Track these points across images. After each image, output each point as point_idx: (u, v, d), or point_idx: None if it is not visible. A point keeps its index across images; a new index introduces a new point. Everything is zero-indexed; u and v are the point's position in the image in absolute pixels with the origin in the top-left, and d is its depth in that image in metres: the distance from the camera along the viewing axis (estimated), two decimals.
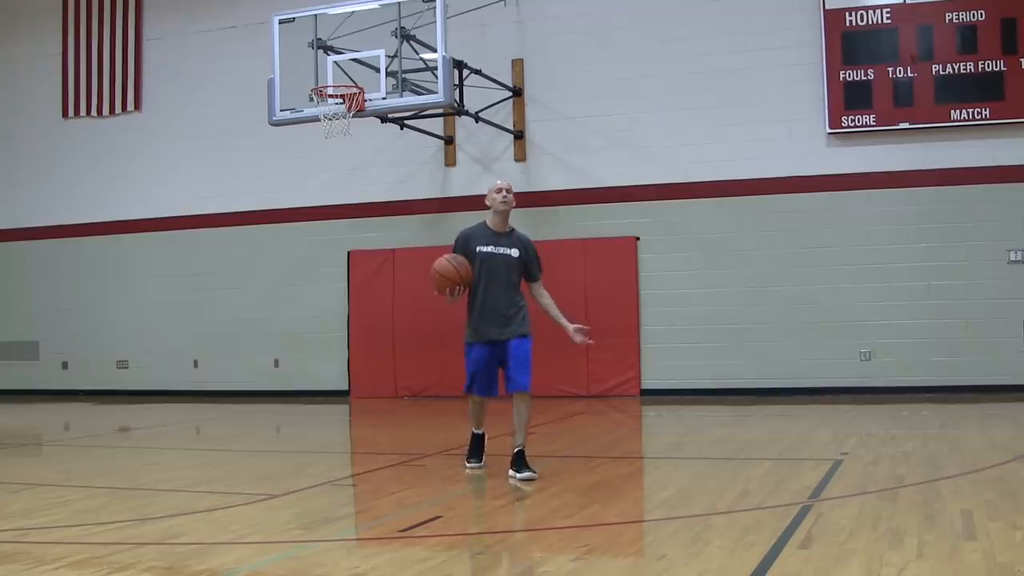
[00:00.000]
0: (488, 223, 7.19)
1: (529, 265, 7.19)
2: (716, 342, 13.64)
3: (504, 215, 7.15)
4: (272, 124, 12.71)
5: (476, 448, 7.45)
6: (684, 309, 13.77)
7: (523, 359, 6.99)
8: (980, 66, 12.71)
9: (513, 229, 7.26)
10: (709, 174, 13.67)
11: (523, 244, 7.20)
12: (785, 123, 13.42)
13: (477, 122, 13.84)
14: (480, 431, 7.42)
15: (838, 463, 7.42)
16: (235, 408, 14.28)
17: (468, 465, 7.45)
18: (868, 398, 12.61)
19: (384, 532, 5.56)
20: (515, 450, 7.05)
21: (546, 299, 7.20)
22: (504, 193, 7.10)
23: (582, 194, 14.22)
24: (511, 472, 6.99)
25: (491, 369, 7.10)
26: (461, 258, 7.00)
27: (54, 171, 17.22)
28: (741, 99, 13.59)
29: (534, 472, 6.97)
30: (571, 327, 7.11)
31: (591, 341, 7.15)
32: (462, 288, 6.93)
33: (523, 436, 7.10)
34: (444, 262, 6.92)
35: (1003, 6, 12.70)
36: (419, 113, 13.48)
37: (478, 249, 7.06)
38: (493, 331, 7.01)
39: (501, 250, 7.08)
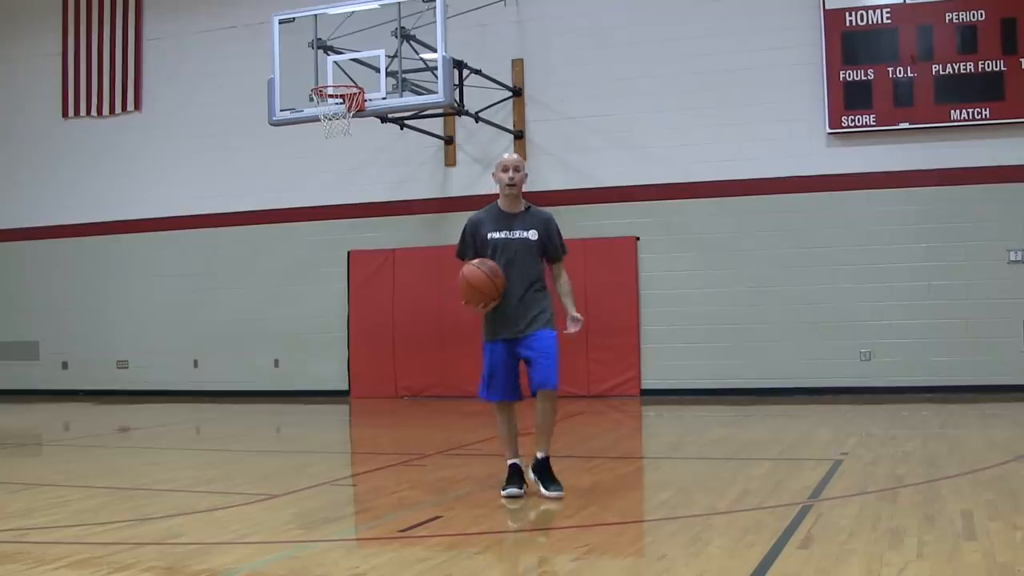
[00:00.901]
0: (499, 204, 6.35)
1: (548, 245, 6.33)
2: (716, 342, 13.64)
3: (512, 197, 6.32)
4: (272, 124, 12.73)
5: (514, 478, 6.35)
6: (684, 309, 13.77)
7: (546, 352, 6.13)
8: (980, 66, 12.71)
9: (530, 207, 6.40)
10: (709, 174, 13.67)
11: (542, 222, 6.33)
12: (785, 123, 13.42)
13: (477, 122, 13.84)
14: (516, 460, 6.36)
15: (838, 463, 7.42)
16: (235, 408, 14.28)
17: (505, 493, 6.28)
18: (868, 398, 12.61)
19: (384, 532, 5.56)
20: (538, 456, 6.31)
21: (564, 282, 6.40)
22: (510, 174, 6.23)
23: (582, 194, 14.22)
24: (532, 478, 6.35)
25: (509, 369, 6.24)
26: (493, 264, 6.10)
27: (54, 171, 17.21)
28: (741, 99, 13.59)
29: (560, 488, 6.22)
30: (572, 314, 6.26)
31: (573, 331, 6.24)
32: (496, 302, 6.12)
33: (547, 440, 6.31)
34: (476, 271, 6.03)
35: (1003, 6, 12.70)
36: (419, 113, 13.48)
37: (489, 236, 6.22)
38: (511, 328, 6.19)
39: (516, 233, 6.23)
